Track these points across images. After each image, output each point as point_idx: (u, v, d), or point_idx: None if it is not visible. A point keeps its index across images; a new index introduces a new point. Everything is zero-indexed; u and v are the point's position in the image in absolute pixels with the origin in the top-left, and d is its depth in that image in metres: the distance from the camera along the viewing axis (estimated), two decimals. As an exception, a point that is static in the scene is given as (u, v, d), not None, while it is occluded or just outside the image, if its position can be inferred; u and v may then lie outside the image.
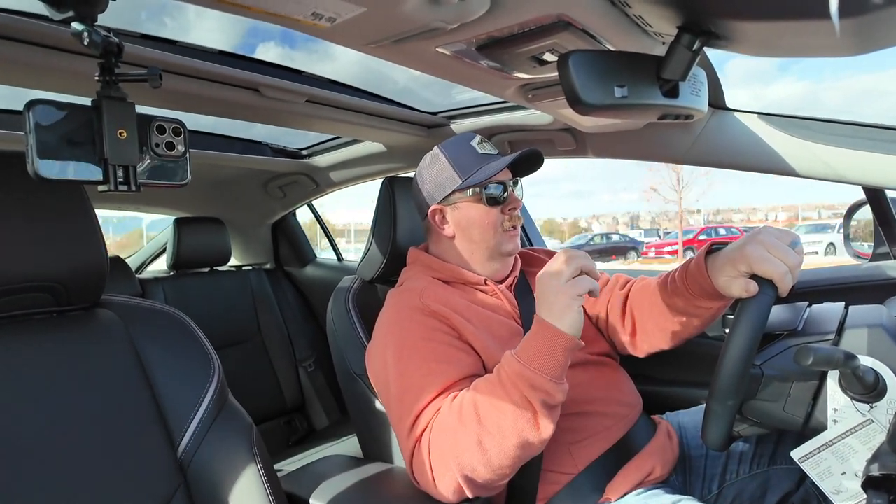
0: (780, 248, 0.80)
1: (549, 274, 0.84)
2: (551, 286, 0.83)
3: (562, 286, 0.81)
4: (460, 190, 1.08)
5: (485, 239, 1.08)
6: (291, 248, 2.67)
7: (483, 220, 1.08)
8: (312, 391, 2.43)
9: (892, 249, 1.40)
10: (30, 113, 0.59)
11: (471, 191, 1.07)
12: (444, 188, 1.09)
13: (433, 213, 1.12)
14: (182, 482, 0.81)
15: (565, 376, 0.83)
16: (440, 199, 1.10)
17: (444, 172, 1.09)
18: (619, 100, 0.66)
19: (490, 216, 1.07)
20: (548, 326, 0.81)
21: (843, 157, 1.14)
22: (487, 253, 1.10)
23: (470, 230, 1.09)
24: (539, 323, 0.83)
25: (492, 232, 1.08)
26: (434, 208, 1.11)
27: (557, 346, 0.80)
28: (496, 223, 1.08)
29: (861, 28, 0.54)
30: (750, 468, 1.05)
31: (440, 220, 1.12)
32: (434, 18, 0.73)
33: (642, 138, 1.39)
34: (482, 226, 1.08)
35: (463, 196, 1.08)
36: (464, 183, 1.07)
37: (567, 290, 0.81)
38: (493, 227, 1.08)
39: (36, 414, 0.73)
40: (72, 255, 0.78)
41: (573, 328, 0.81)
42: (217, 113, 1.38)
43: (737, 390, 0.77)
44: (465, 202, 1.09)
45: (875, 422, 0.73)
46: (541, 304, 0.84)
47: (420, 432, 0.88)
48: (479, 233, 1.08)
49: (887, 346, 0.77)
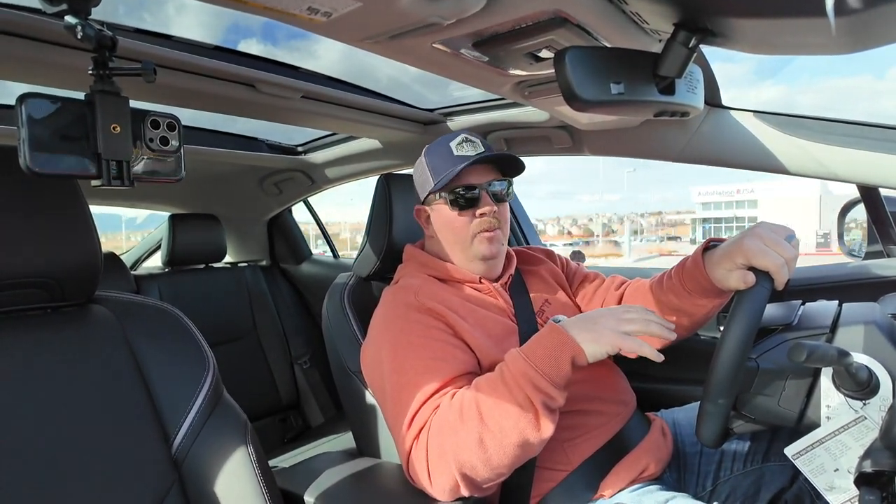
0: (776, 241, 0.83)
1: (614, 309, 0.86)
2: (604, 314, 0.84)
3: (611, 325, 0.82)
4: (433, 192, 1.08)
5: (458, 241, 1.09)
6: (287, 245, 2.66)
7: (453, 224, 1.08)
8: (308, 388, 2.43)
9: (886, 248, 1.41)
10: (22, 106, 0.58)
11: (439, 194, 1.08)
12: (423, 189, 1.12)
13: (418, 213, 1.15)
14: (176, 478, 0.81)
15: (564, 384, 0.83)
16: (422, 200, 1.13)
17: (424, 173, 1.11)
18: (615, 96, 0.65)
19: (460, 220, 1.07)
20: (562, 333, 0.81)
21: (837, 155, 1.15)
22: (463, 255, 1.10)
23: (443, 232, 1.10)
24: (553, 328, 0.83)
25: (462, 235, 1.07)
26: (418, 208, 1.15)
27: (567, 353, 0.81)
28: (465, 227, 1.07)
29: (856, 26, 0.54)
30: (744, 465, 1.06)
31: (425, 220, 1.14)
32: (430, 14, 0.73)
33: (638, 136, 1.39)
34: (451, 229, 1.08)
35: (436, 199, 1.09)
36: (435, 186, 1.07)
37: (615, 325, 0.82)
38: (462, 231, 1.07)
39: (29, 410, 0.73)
40: (66, 251, 0.78)
41: (591, 355, 0.81)
42: (212, 108, 1.38)
43: (733, 382, 0.78)
44: (438, 204, 1.09)
45: (868, 419, 0.73)
46: (582, 319, 0.85)
47: (418, 430, 0.88)
48: (451, 235, 1.09)
49: (881, 343, 0.77)
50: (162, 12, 12.91)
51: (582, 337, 0.81)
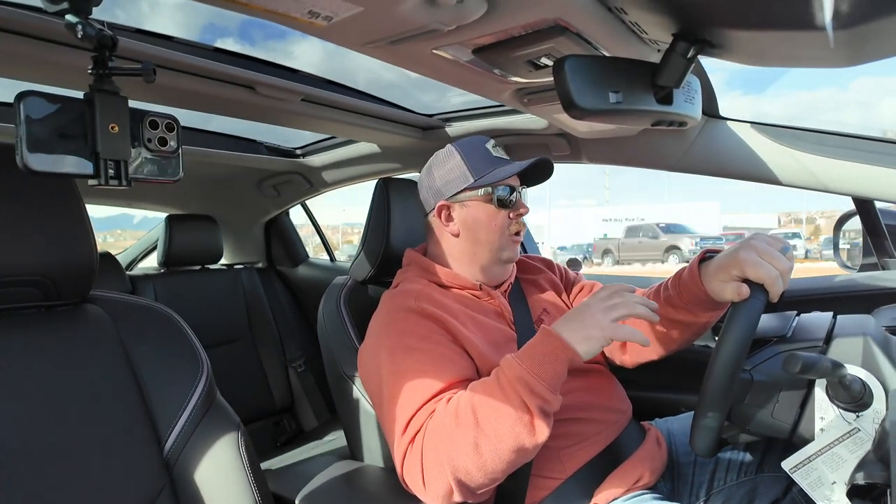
0: (771, 253, 0.83)
1: (596, 298, 0.86)
2: (590, 307, 0.84)
3: (598, 317, 0.82)
4: (471, 188, 1.08)
5: (489, 241, 1.09)
6: (284, 248, 2.65)
7: (490, 222, 1.08)
8: (302, 392, 2.42)
9: (881, 260, 1.41)
10: (21, 105, 0.58)
11: (482, 190, 1.08)
12: (454, 185, 1.10)
13: (440, 209, 1.12)
14: (168, 481, 0.80)
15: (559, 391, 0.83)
16: (449, 196, 1.10)
17: (456, 169, 1.10)
18: (613, 105, 0.66)
19: (498, 218, 1.08)
20: (555, 337, 0.82)
21: (833, 167, 1.16)
22: (489, 256, 1.10)
23: (476, 230, 1.09)
24: (546, 333, 0.83)
25: (497, 234, 1.08)
26: (441, 204, 1.11)
27: (561, 357, 0.81)
28: (502, 226, 1.08)
29: (854, 40, 0.54)
30: (738, 476, 1.05)
31: (446, 217, 1.12)
32: (431, 20, 0.73)
33: (636, 145, 1.39)
34: (489, 227, 1.08)
35: (473, 195, 1.09)
36: (476, 182, 1.07)
37: (601, 318, 0.82)
38: (499, 230, 1.08)
39: (20, 409, 0.72)
40: (61, 250, 0.77)
41: (585, 354, 0.81)
42: (211, 110, 1.37)
43: (727, 393, 0.78)
44: (474, 201, 1.09)
45: (861, 431, 0.73)
46: (568, 319, 0.85)
47: (413, 434, 0.87)
48: (484, 234, 1.09)
49: (874, 355, 0.77)
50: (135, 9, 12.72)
51: (573, 338, 0.81)
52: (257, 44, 36.77)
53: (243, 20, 5.55)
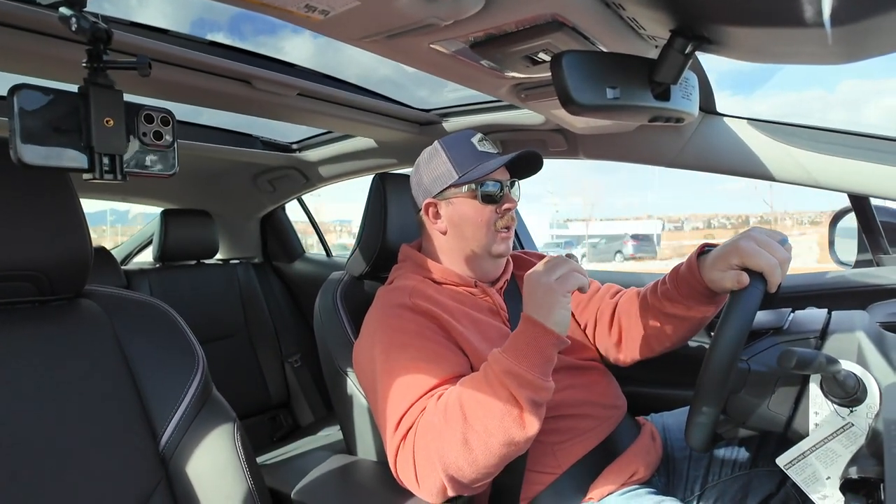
0: (770, 243, 0.85)
1: (537, 272, 0.85)
2: (540, 283, 0.84)
3: (551, 283, 0.82)
4: (456, 185, 1.07)
5: (476, 237, 1.08)
6: (280, 243, 2.65)
7: (476, 218, 1.07)
8: (298, 387, 2.42)
9: (876, 256, 1.42)
10: (14, 98, 0.57)
11: (466, 187, 1.07)
12: (440, 182, 1.09)
13: (427, 207, 1.12)
14: (163, 475, 0.80)
15: (551, 375, 0.83)
16: (435, 194, 1.10)
17: (441, 167, 1.09)
18: (610, 101, 0.66)
19: (484, 214, 1.07)
20: (535, 324, 0.82)
21: (829, 164, 1.16)
22: (478, 252, 1.10)
23: (462, 227, 1.09)
24: (526, 321, 0.83)
25: (484, 230, 1.08)
26: (428, 202, 1.11)
27: (545, 343, 0.81)
28: (489, 222, 1.08)
29: (853, 36, 0.54)
30: (732, 470, 1.06)
31: (433, 215, 1.12)
32: (428, 14, 0.73)
33: (633, 140, 1.39)
34: (475, 223, 1.08)
35: (458, 192, 1.08)
36: (460, 178, 1.07)
37: (556, 287, 0.82)
38: (486, 226, 1.07)
39: (15, 404, 0.72)
40: (55, 244, 0.77)
41: (560, 326, 0.82)
42: (207, 104, 1.37)
43: (724, 381, 0.78)
44: (459, 198, 1.08)
45: (855, 426, 0.74)
46: (529, 302, 0.85)
47: (405, 432, 0.87)
48: (471, 230, 1.08)
49: (868, 351, 0.78)
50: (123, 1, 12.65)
51: (542, 317, 0.82)
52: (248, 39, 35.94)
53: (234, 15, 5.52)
